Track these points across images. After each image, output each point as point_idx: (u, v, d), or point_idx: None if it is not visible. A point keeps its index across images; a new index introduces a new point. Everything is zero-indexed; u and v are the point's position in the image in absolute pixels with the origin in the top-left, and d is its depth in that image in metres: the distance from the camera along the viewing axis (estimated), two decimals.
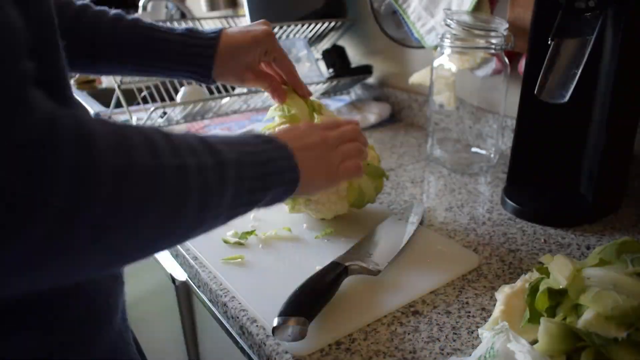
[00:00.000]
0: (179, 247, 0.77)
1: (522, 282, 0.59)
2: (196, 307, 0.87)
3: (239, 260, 0.72)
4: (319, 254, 0.73)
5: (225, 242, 0.76)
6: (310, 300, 0.58)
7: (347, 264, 0.65)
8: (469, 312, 0.62)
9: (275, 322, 0.55)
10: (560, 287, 0.52)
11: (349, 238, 0.76)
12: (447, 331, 0.59)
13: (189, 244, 0.77)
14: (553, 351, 0.49)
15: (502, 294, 0.59)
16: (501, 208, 0.89)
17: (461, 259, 0.72)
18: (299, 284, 0.60)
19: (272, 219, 0.82)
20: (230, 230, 0.78)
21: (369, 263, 0.67)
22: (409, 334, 0.58)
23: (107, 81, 1.87)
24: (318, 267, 0.65)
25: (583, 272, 0.53)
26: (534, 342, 0.51)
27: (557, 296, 0.53)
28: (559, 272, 0.53)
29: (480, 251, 0.75)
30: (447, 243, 0.76)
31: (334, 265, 0.65)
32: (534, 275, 0.59)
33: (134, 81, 1.31)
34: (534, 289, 0.55)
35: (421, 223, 0.82)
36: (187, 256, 0.75)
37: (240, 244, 0.76)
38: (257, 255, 0.74)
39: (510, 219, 0.85)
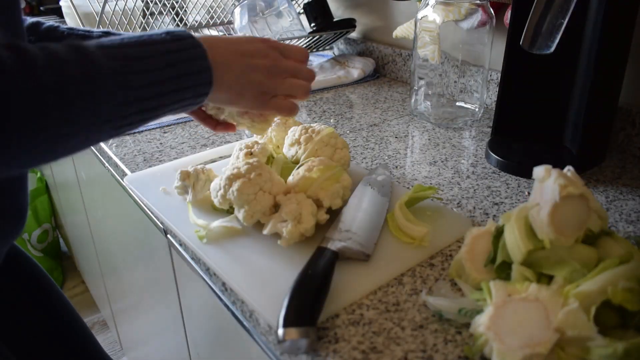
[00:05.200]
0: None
1: (490, 225, 0.58)
2: (177, 262, 0.86)
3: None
4: None
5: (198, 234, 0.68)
6: (312, 301, 0.52)
7: (336, 248, 0.60)
8: None
9: (280, 335, 0.48)
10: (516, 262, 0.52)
11: None
12: (430, 283, 0.59)
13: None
14: None
15: (469, 235, 0.58)
16: (485, 162, 0.89)
17: (457, 226, 0.69)
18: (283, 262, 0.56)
19: None
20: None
21: (357, 245, 0.62)
22: (392, 287, 0.58)
23: None
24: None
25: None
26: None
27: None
28: (512, 248, 0.52)
29: (464, 205, 0.75)
30: (440, 209, 0.75)
31: (322, 252, 0.59)
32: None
33: None
34: (499, 231, 0.55)
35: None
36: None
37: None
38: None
39: (495, 172, 0.85)
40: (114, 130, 0.48)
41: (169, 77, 0.50)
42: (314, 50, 1.49)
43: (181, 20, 1.49)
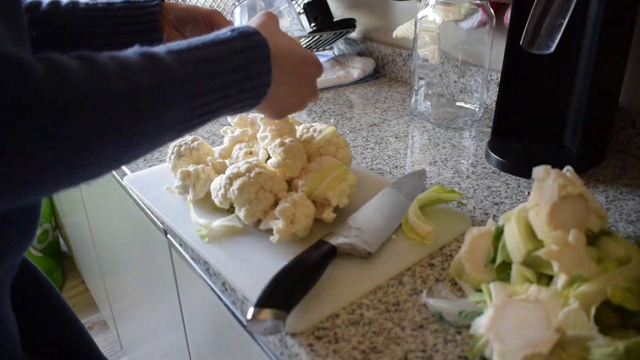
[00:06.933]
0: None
1: (490, 225, 0.58)
2: (177, 262, 0.86)
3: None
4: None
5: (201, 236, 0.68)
6: (291, 287, 0.53)
7: (336, 243, 0.60)
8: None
9: (249, 314, 0.49)
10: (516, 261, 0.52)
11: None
12: (430, 283, 0.59)
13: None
14: None
15: (469, 235, 0.58)
16: (485, 162, 0.89)
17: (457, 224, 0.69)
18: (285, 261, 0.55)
19: None
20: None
21: (360, 242, 0.62)
22: (392, 287, 0.58)
23: None
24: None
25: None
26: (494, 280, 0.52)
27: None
28: (512, 248, 0.52)
29: (464, 204, 0.75)
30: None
31: (320, 245, 0.59)
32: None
33: None
34: (499, 231, 0.55)
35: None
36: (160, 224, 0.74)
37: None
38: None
39: (495, 172, 0.85)
40: (176, 134, 0.48)
41: (234, 81, 0.50)
42: (314, 50, 1.49)
43: None
